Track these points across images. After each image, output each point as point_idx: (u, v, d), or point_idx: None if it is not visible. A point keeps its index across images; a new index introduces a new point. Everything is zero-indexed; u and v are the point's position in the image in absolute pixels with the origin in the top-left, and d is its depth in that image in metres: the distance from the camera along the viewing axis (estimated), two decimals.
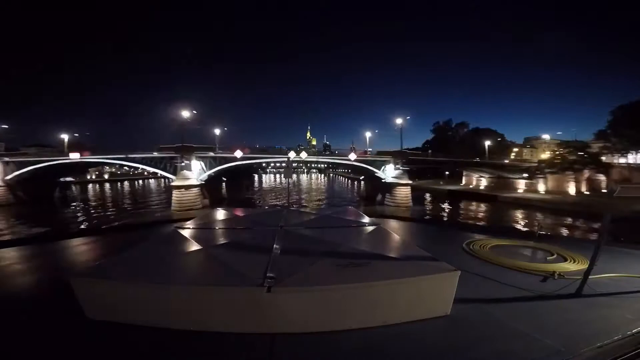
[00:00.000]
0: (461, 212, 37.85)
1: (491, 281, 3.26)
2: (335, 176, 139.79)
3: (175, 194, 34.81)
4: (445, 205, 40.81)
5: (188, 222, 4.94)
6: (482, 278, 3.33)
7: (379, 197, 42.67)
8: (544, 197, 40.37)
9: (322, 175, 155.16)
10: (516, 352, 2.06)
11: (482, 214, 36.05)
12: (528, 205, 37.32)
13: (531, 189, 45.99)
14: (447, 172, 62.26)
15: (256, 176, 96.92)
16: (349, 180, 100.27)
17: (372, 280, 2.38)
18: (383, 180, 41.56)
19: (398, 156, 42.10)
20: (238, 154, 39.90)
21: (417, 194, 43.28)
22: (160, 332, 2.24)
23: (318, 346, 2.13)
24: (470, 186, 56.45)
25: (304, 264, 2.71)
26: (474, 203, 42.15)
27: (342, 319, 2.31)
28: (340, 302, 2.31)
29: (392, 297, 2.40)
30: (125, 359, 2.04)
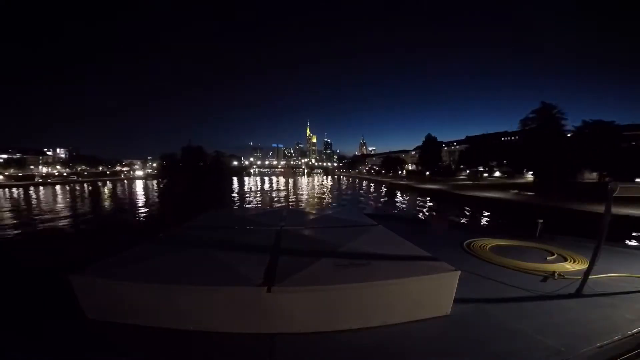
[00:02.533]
0: None
1: (491, 281, 3.26)
2: (349, 179, 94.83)
3: None
4: None
5: (189, 222, 4.94)
6: (482, 278, 3.34)
7: None
8: None
9: (328, 177, 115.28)
10: (516, 352, 2.06)
11: None
12: None
13: None
14: None
15: (235, 179, 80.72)
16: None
17: (372, 280, 2.38)
18: None
19: None
20: None
21: None
22: (161, 332, 2.24)
23: (318, 346, 2.13)
24: None
25: (304, 264, 2.70)
26: None
27: (342, 319, 2.31)
28: (340, 302, 2.31)
29: (392, 297, 2.40)
30: (125, 359, 2.04)
